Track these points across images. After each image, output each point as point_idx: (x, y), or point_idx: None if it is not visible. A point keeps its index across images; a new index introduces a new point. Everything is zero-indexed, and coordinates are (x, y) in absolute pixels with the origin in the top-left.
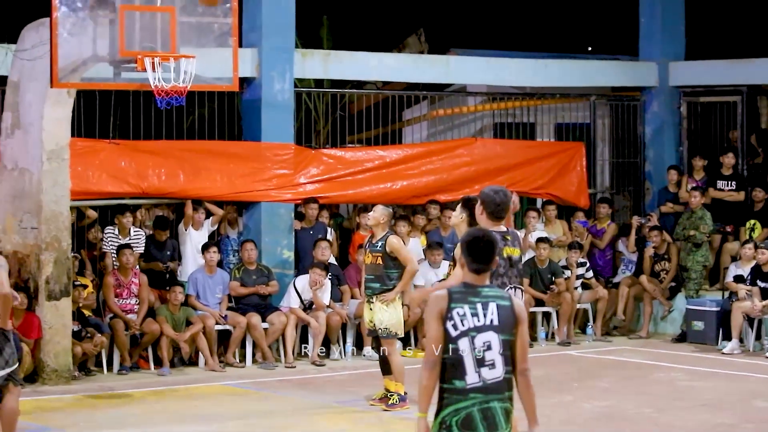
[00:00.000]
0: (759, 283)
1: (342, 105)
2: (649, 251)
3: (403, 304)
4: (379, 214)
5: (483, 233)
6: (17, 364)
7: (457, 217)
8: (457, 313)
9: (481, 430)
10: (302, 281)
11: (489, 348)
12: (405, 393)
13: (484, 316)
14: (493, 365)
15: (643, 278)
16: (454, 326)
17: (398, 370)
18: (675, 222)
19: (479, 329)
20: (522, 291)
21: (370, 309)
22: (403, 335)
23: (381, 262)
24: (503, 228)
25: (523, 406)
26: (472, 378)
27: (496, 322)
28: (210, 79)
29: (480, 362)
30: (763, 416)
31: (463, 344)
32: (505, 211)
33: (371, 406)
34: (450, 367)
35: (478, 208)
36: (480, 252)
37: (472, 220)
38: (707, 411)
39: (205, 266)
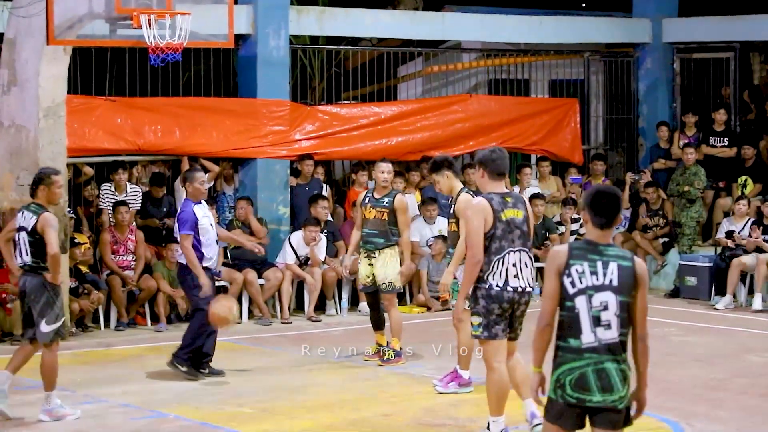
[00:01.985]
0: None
1: (337, 62)
2: (644, 209)
3: None
4: (392, 171)
5: (607, 188)
6: (63, 319)
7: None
8: (576, 270)
9: (595, 391)
10: (297, 237)
11: (606, 308)
12: (401, 348)
13: (604, 275)
14: (609, 326)
15: (636, 233)
16: (572, 283)
17: (397, 326)
18: (667, 178)
19: (597, 288)
20: (528, 253)
21: (369, 264)
22: (402, 289)
23: (386, 218)
24: (505, 189)
25: (636, 368)
26: (587, 337)
27: (615, 283)
28: (205, 36)
29: (596, 321)
30: (755, 370)
31: (580, 302)
32: (505, 167)
33: (365, 361)
34: (566, 325)
35: (478, 172)
36: (603, 207)
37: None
38: (700, 366)
39: None
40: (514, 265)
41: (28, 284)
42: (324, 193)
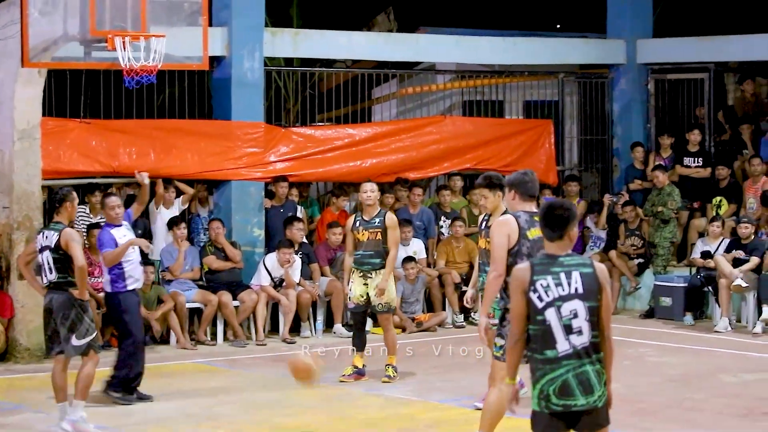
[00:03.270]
0: (735, 253)
1: (311, 83)
2: (623, 228)
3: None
4: (377, 190)
5: (559, 203)
6: (95, 333)
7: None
8: (541, 285)
9: (579, 395)
10: (272, 259)
11: (576, 316)
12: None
13: (569, 284)
14: (580, 332)
15: (613, 254)
16: (540, 298)
17: (394, 344)
18: (643, 199)
19: (564, 298)
20: None
21: (365, 284)
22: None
23: (380, 238)
24: (534, 209)
25: (604, 365)
26: (563, 346)
27: (581, 290)
28: (180, 58)
29: (568, 330)
30: (730, 391)
31: (550, 314)
32: (535, 189)
33: (341, 382)
34: (540, 338)
35: (509, 194)
36: (552, 220)
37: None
38: (675, 386)
39: (174, 241)
40: None
41: (54, 302)
42: (299, 214)
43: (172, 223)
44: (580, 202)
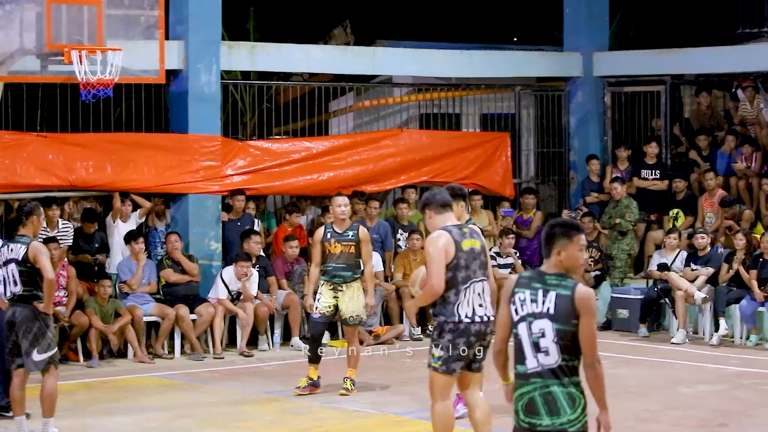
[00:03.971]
0: (692, 266)
1: (268, 97)
2: None
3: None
4: (347, 202)
5: (560, 221)
6: (56, 348)
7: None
8: (519, 297)
9: (543, 415)
10: (229, 272)
11: (543, 335)
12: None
13: (543, 303)
14: (547, 352)
15: None
16: (516, 311)
17: (357, 357)
18: (601, 211)
19: (536, 315)
20: (487, 283)
21: (335, 297)
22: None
23: (354, 251)
24: (456, 221)
25: (592, 394)
26: (531, 362)
27: (552, 311)
28: (137, 72)
29: (536, 348)
30: (687, 402)
31: (522, 329)
32: (446, 197)
33: (297, 396)
34: (515, 351)
35: (426, 216)
36: (545, 236)
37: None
38: (632, 398)
39: (131, 255)
40: (479, 294)
41: (18, 314)
42: (256, 228)
43: (129, 238)
44: (537, 213)
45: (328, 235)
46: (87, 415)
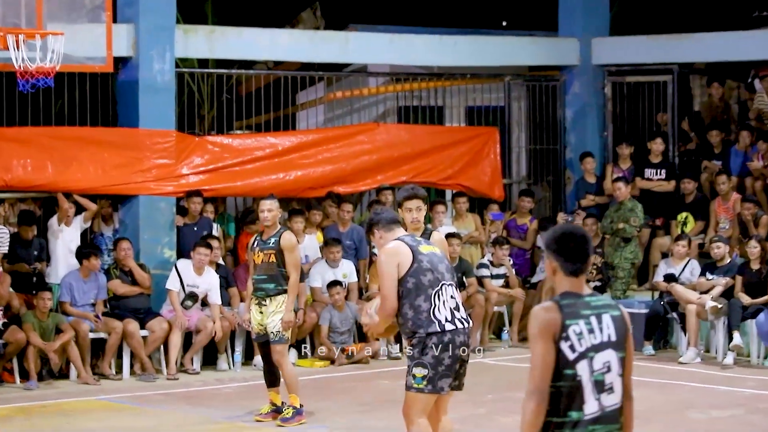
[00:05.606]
0: (708, 275)
1: (229, 87)
2: None
3: (295, 310)
4: (276, 209)
5: (571, 228)
6: None
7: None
8: (574, 331)
9: None
10: (185, 263)
11: (609, 369)
12: (301, 405)
13: (601, 330)
14: (612, 389)
15: None
16: (572, 347)
17: (291, 380)
18: (600, 215)
19: (597, 348)
20: (457, 289)
21: (260, 312)
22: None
23: (274, 260)
24: (404, 231)
25: (625, 429)
26: (591, 407)
27: (614, 338)
28: (81, 59)
29: (599, 387)
30: (698, 429)
31: (582, 368)
32: (393, 214)
33: (257, 422)
34: (564, 397)
35: (376, 237)
36: (573, 251)
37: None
38: (637, 425)
39: (80, 270)
40: (452, 297)
41: None
42: (214, 232)
43: (87, 254)
44: (533, 221)
45: (254, 244)
46: None
